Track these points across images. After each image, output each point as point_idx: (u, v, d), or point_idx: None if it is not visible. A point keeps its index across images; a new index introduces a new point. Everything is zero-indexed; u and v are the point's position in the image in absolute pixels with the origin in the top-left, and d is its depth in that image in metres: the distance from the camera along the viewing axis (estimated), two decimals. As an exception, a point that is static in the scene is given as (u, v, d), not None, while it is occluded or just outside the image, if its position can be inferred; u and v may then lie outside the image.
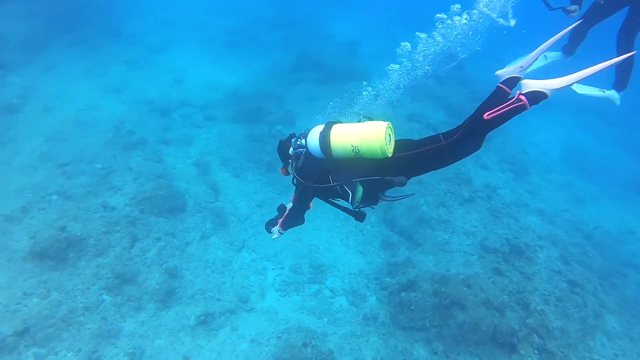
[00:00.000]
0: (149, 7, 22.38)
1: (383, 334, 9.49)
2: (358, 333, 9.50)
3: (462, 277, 9.87)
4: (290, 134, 4.31)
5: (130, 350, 8.02)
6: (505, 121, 3.48)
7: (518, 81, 3.61)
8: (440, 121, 16.56)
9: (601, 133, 20.96)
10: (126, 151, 12.14)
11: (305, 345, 8.60)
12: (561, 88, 3.29)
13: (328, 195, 4.34)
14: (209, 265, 9.94)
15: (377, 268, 11.00)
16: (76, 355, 7.71)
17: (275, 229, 4.71)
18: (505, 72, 3.69)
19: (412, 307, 9.50)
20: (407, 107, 17.28)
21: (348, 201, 4.06)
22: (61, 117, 12.99)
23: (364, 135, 3.61)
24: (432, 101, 18.09)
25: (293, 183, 4.32)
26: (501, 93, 3.62)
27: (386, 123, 3.66)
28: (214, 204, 11.21)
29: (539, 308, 9.71)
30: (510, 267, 10.88)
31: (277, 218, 4.76)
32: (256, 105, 15.19)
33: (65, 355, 7.68)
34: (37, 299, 8.13)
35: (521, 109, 3.39)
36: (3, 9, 17.03)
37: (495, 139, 16.93)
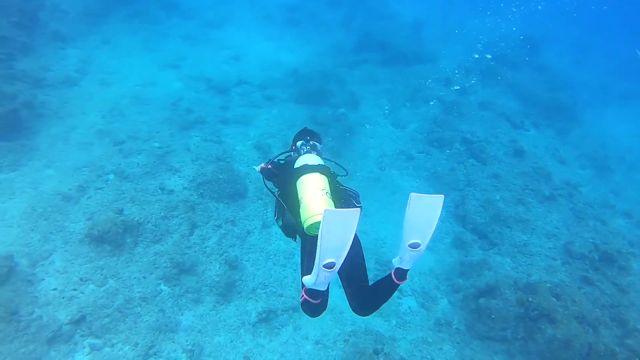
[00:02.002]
0: (205, -20, 21.75)
1: (457, 343, 8.64)
2: (430, 340, 8.67)
3: (548, 285, 8.85)
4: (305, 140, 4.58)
5: (189, 347, 7.41)
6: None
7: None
8: (514, 111, 15.37)
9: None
10: (184, 130, 11.55)
11: (377, 352, 7.84)
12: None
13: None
14: (271, 256, 9.24)
15: (449, 268, 10.11)
16: (133, 349, 7.16)
17: None
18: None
19: (493, 316, 8.56)
20: (479, 94, 16.16)
21: (274, 216, 4.22)
22: (118, 93, 12.49)
23: (307, 207, 3.61)
24: (504, 88, 16.88)
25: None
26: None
27: (324, 211, 2.95)
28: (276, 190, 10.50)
29: (638, 327, 8.64)
30: (601, 276, 9.82)
31: None
32: (318, 86, 14.38)
33: (122, 348, 7.13)
34: (94, 286, 7.61)
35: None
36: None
37: (572, 131, 15.65)
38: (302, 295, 3.34)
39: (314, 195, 3.61)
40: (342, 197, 3.97)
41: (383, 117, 14.03)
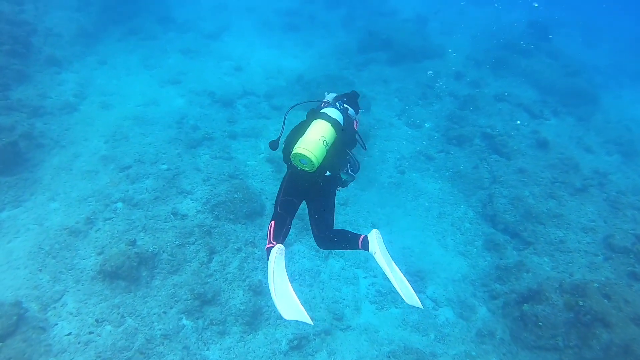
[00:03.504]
0: (199, -8, 21.22)
1: (504, 355, 8.07)
2: (473, 353, 8.09)
3: (596, 285, 8.22)
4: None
5: (219, 385, 6.85)
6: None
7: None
8: (532, 100, 14.76)
9: None
10: (192, 149, 11.00)
11: (421, 374, 7.24)
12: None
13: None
14: (296, 277, 8.67)
15: (483, 272, 9.52)
16: (159, 394, 6.60)
17: None
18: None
19: (540, 323, 7.93)
20: (492, 86, 15.57)
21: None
22: (119, 115, 11.93)
23: (302, 140, 4.07)
24: (518, 77, 16.26)
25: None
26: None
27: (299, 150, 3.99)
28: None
29: (699, 323, 8.01)
30: (649, 270, 9.17)
31: None
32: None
33: (147, 394, 6.58)
34: (111, 327, 7.05)
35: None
36: (55, 2, 16.17)
37: (594, 116, 15.04)
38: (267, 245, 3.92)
39: (314, 136, 4.02)
40: (340, 157, 4.38)
41: (396, 117, 13.44)
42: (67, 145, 10.65)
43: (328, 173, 4.28)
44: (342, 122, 4.36)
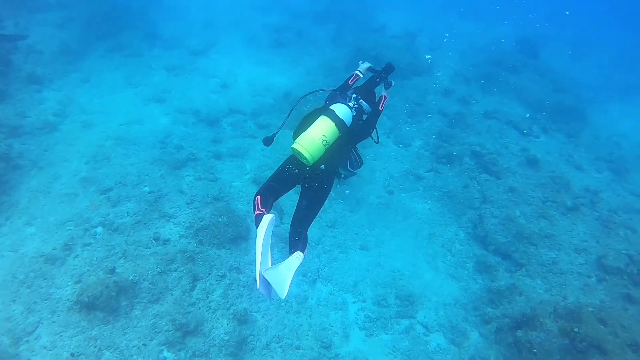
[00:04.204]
0: (186, 8, 20.83)
1: (498, 383, 7.79)
2: (466, 382, 7.82)
3: (591, 309, 8.02)
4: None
5: (202, 423, 6.51)
6: None
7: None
8: (521, 117, 14.67)
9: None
10: (176, 170, 10.68)
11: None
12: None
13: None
14: (282, 304, 8.37)
15: (475, 296, 9.31)
16: None
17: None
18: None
19: (535, 350, 7.70)
20: (481, 103, 15.47)
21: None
22: (101, 134, 11.58)
23: (304, 135, 4.26)
24: (507, 94, 16.20)
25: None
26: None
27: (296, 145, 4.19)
28: (280, 228, 9.61)
29: (696, 347, 7.82)
30: (643, 292, 9.01)
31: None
32: (313, 109, 13.54)
33: None
34: (87, 362, 6.70)
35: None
36: (37, 19, 15.88)
37: (583, 133, 15.00)
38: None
39: (314, 134, 4.16)
40: (341, 154, 4.47)
41: (385, 136, 13.24)
42: (45, 166, 10.30)
43: (323, 167, 4.35)
44: (349, 122, 4.44)
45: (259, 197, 4.17)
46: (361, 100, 4.80)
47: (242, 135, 12.67)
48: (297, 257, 3.83)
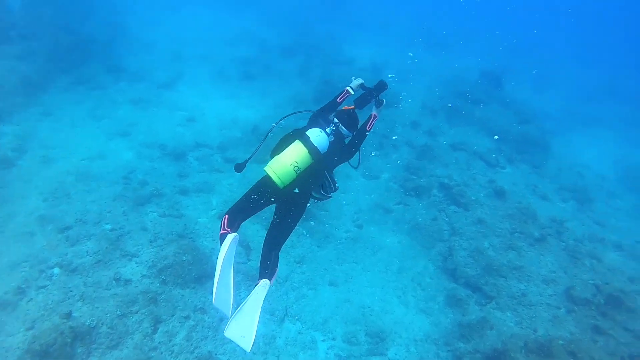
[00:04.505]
0: (153, 40, 20.71)
1: (471, 422, 7.60)
2: (440, 422, 7.61)
3: (561, 342, 8.00)
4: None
5: None
6: None
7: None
8: (487, 149, 14.87)
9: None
10: (139, 206, 10.36)
11: None
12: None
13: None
14: (249, 345, 8.04)
15: (446, 331, 9.17)
16: None
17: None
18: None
19: (507, 387, 7.57)
20: (448, 135, 15.63)
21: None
22: (62, 170, 11.19)
23: (277, 159, 4.42)
24: (473, 126, 16.44)
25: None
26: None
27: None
28: (247, 265, 9.37)
29: (665, 378, 7.85)
30: (611, 322, 9.06)
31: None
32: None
33: None
34: (38, 416, 6.27)
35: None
36: (-1, 51, 15.53)
37: (547, 163, 15.29)
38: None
39: (286, 160, 4.25)
40: (314, 179, 4.44)
41: (353, 169, 13.18)
42: (1, 203, 9.85)
43: (297, 190, 4.38)
44: (324, 148, 4.47)
45: (226, 216, 4.21)
46: (341, 126, 4.78)
47: (209, 169, 12.44)
48: (263, 287, 3.85)
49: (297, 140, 4.39)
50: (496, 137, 15.51)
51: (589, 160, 17.42)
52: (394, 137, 14.84)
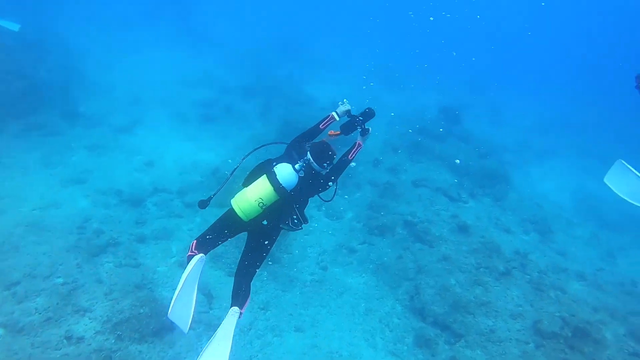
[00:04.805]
0: (111, 83, 20.25)
1: None
2: None
3: (532, 380, 7.87)
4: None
5: None
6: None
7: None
8: (449, 184, 15.01)
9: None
10: (94, 257, 9.88)
11: None
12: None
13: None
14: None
15: (417, 373, 8.93)
16: None
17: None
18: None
19: None
20: (409, 172, 15.74)
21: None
22: (11, 221, 10.61)
23: (242, 193, 4.47)
24: (434, 162, 16.63)
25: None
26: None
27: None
28: (209, 314, 9.01)
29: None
30: (579, 355, 9.08)
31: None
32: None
33: None
34: None
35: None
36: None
37: (508, 195, 15.52)
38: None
39: (251, 196, 4.26)
40: (280, 213, 4.38)
41: (316, 209, 13.04)
42: (-57, 261, 9.25)
43: (265, 222, 4.39)
44: (291, 186, 4.34)
45: (195, 241, 4.38)
46: (312, 162, 4.55)
47: (168, 215, 12.07)
48: (232, 315, 3.97)
49: (264, 176, 4.34)
50: (457, 160, 15.70)
51: (548, 191, 17.83)
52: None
